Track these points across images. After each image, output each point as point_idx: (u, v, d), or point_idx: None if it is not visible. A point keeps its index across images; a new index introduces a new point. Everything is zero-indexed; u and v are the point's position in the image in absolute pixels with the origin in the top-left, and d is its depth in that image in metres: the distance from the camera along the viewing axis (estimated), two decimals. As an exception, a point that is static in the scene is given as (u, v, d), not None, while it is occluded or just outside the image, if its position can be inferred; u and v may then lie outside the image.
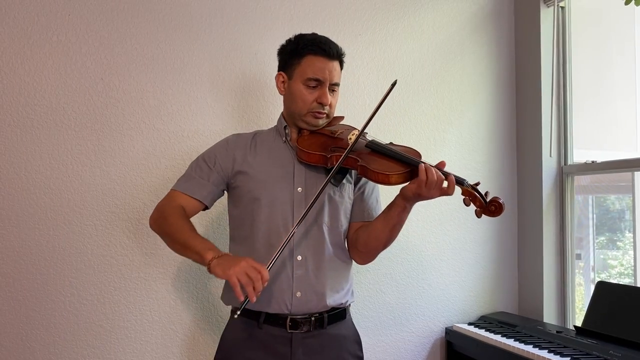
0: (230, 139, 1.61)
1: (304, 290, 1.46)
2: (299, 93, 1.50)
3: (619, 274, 2.80)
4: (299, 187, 1.50)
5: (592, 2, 2.43)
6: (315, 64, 1.49)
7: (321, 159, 1.47)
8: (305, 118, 1.52)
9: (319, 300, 1.47)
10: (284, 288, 1.45)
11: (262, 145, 1.57)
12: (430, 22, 2.35)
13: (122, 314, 1.87)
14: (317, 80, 1.49)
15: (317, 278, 1.48)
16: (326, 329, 1.48)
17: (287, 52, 1.55)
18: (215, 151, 1.58)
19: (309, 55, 1.49)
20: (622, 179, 2.57)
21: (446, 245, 2.34)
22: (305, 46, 1.50)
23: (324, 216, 1.51)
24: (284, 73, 1.55)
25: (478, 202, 1.39)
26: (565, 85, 2.38)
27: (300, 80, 1.50)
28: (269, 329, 1.46)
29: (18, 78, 1.77)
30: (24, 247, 1.78)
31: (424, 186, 1.35)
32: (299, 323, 1.45)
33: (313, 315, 1.47)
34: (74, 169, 1.83)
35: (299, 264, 1.47)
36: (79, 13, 1.84)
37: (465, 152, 2.39)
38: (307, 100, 1.50)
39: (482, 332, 2.12)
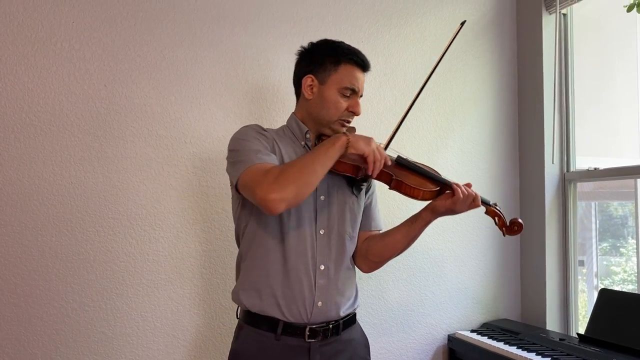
0: (258, 128, 1.50)
1: (325, 300, 1.45)
2: (333, 100, 1.48)
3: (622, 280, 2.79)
4: (322, 195, 1.49)
5: (594, 9, 2.44)
6: (353, 73, 1.49)
7: (352, 169, 1.45)
8: (332, 125, 1.51)
9: (337, 309, 1.47)
10: (305, 297, 1.43)
11: (284, 145, 1.51)
12: (432, 29, 2.36)
13: (124, 320, 1.87)
14: (353, 90, 1.49)
15: (337, 287, 1.48)
16: (340, 335, 1.49)
17: (319, 56, 1.51)
18: (255, 136, 1.46)
19: (347, 64, 1.49)
20: (624, 186, 2.56)
21: (449, 252, 2.34)
22: (345, 54, 1.50)
23: (346, 226, 1.51)
24: (315, 77, 1.51)
25: (502, 221, 1.56)
26: (568, 92, 2.38)
27: (336, 87, 1.48)
28: (286, 340, 1.43)
29: (22, 84, 1.78)
30: (26, 252, 1.78)
31: (459, 202, 1.47)
32: (317, 332, 1.44)
33: (330, 322, 1.47)
34: (77, 175, 1.83)
35: (321, 273, 1.46)
36: (82, 20, 1.85)
37: (467, 159, 2.40)
38: (341, 107, 1.49)
39: (484, 340, 2.11)
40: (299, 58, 1.58)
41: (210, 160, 1.99)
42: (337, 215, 1.49)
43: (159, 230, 1.92)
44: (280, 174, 1.30)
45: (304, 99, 1.54)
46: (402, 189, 1.48)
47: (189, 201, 1.96)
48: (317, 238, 1.46)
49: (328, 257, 1.47)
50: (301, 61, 1.56)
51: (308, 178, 1.32)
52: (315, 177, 1.33)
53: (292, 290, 1.42)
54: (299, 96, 1.58)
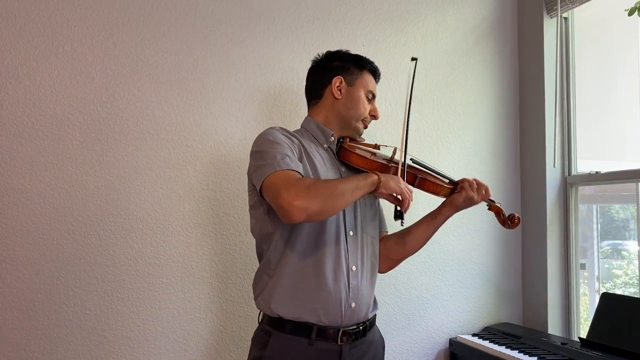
0: (283, 131, 1.50)
1: (358, 301, 1.48)
2: (362, 100, 1.60)
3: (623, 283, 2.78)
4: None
5: (595, 12, 2.44)
6: (371, 81, 1.65)
7: (381, 168, 1.52)
8: (356, 124, 1.61)
9: (367, 309, 1.52)
10: (341, 299, 1.44)
11: (310, 147, 1.52)
12: (434, 32, 2.36)
13: (126, 324, 1.87)
14: (373, 95, 1.64)
15: (366, 288, 1.52)
16: (366, 336, 1.52)
17: (348, 61, 1.62)
18: (282, 138, 1.45)
19: (367, 72, 1.63)
20: (626, 189, 2.56)
21: (450, 255, 2.33)
22: (367, 62, 1.64)
23: (370, 227, 1.58)
24: (344, 79, 1.59)
25: (501, 214, 1.66)
26: (569, 96, 2.38)
27: (363, 90, 1.61)
28: (319, 344, 1.42)
29: (24, 89, 1.79)
30: (28, 257, 1.78)
31: (474, 191, 1.59)
32: (349, 334, 1.46)
33: (360, 324, 1.50)
34: (78, 179, 1.84)
35: (354, 274, 1.48)
36: (84, 24, 1.85)
37: (468, 163, 2.39)
38: (367, 108, 1.61)
39: (486, 344, 2.10)
40: (319, 63, 1.63)
41: (212, 164, 1.99)
42: (362, 216, 1.54)
43: (161, 234, 1.92)
44: (313, 185, 1.31)
45: (330, 99, 1.59)
46: (425, 186, 1.58)
47: (191, 205, 1.96)
48: (348, 239, 1.48)
49: (359, 258, 1.50)
50: (324, 66, 1.62)
51: (336, 200, 1.32)
52: (342, 202, 1.34)
53: (328, 292, 1.42)
54: (318, 99, 1.61)
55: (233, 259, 1.99)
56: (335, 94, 1.58)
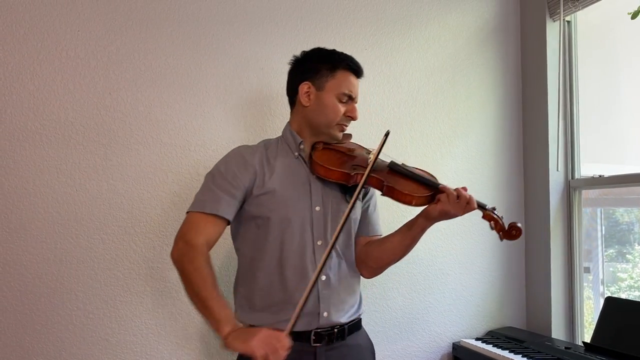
0: (244, 153, 1.52)
1: (329, 310, 1.47)
2: (331, 105, 1.50)
3: (628, 287, 2.76)
4: (317, 206, 1.49)
5: (598, 16, 2.43)
6: (349, 79, 1.52)
7: (343, 176, 1.46)
8: (331, 130, 1.53)
9: (341, 316, 1.49)
10: (312, 309, 1.44)
11: (276, 160, 1.52)
12: (437, 36, 2.36)
13: (129, 328, 1.87)
14: (349, 96, 1.52)
15: (339, 296, 1.50)
16: (346, 340, 1.50)
17: (315, 63, 1.53)
18: (233, 167, 1.49)
19: (343, 71, 1.52)
20: (630, 192, 2.55)
21: (453, 259, 2.33)
22: (341, 61, 1.53)
23: (342, 235, 1.51)
24: (312, 84, 1.52)
25: (499, 225, 1.49)
26: (572, 99, 2.37)
27: (334, 93, 1.51)
28: (293, 344, 1.41)
29: (28, 93, 1.79)
30: (31, 260, 1.78)
31: (451, 205, 1.43)
32: (322, 336, 1.46)
33: (335, 327, 1.48)
34: (82, 183, 1.84)
35: (324, 284, 1.47)
36: (87, 29, 1.86)
37: (472, 166, 2.39)
38: (339, 112, 1.51)
39: (489, 348, 2.10)
40: (292, 67, 1.59)
41: (214, 167, 1.99)
42: (333, 225, 1.49)
43: (163, 238, 1.92)
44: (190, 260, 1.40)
45: (300, 106, 1.55)
46: (394, 195, 1.46)
47: (193, 208, 1.96)
48: (316, 249, 1.46)
49: (329, 267, 1.48)
50: (295, 70, 1.57)
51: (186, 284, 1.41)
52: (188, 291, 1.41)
53: (297, 304, 1.38)
54: (293, 105, 1.59)
55: (235, 263, 1.99)
56: (303, 102, 1.52)
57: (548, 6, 2.36)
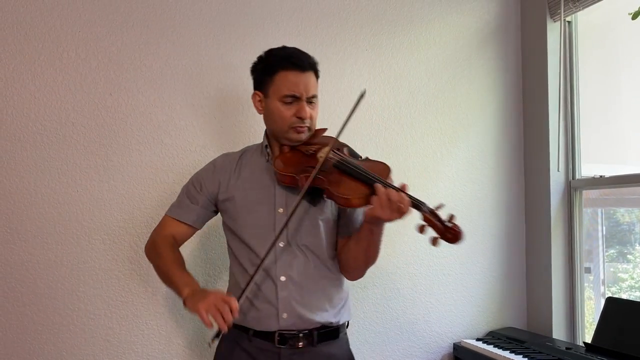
0: (217, 162, 1.60)
1: (289, 311, 1.43)
2: (276, 111, 1.47)
3: (629, 287, 2.76)
4: (280, 208, 1.48)
5: (599, 16, 2.43)
6: (289, 79, 1.45)
7: (292, 181, 1.43)
8: (287, 135, 1.49)
9: (304, 320, 1.44)
10: (270, 310, 1.44)
11: (247, 166, 1.56)
12: (437, 36, 2.36)
13: (129, 328, 1.87)
14: (293, 97, 1.45)
15: (303, 298, 1.44)
16: (316, 347, 1.45)
17: (259, 71, 1.52)
18: (202, 175, 1.59)
19: (281, 72, 1.45)
20: (631, 192, 2.55)
21: (454, 259, 2.33)
22: (276, 62, 1.47)
23: (304, 236, 1.48)
24: (260, 92, 1.52)
25: (437, 228, 1.28)
26: (573, 99, 2.37)
27: (277, 97, 1.46)
28: (258, 342, 1.45)
29: (29, 94, 1.80)
30: (32, 261, 1.79)
31: (380, 208, 1.29)
32: (287, 338, 1.43)
33: (302, 331, 1.44)
34: (83, 184, 1.84)
35: (282, 285, 1.45)
36: (88, 30, 1.87)
37: (472, 167, 2.39)
38: (286, 116, 1.46)
39: (490, 348, 2.10)
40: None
41: (215, 168, 1.99)
42: (295, 226, 1.47)
43: (164, 238, 1.92)
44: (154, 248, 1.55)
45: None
46: (333, 198, 1.38)
47: (194, 209, 1.96)
48: (278, 251, 1.45)
49: (289, 268, 1.45)
50: (252, 78, 1.57)
51: (155, 269, 1.55)
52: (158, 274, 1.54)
53: (259, 304, 1.44)
54: None
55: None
56: (257, 111, 1.55)
57: (548, 6, 2.36)
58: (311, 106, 1.48)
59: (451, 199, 2.32)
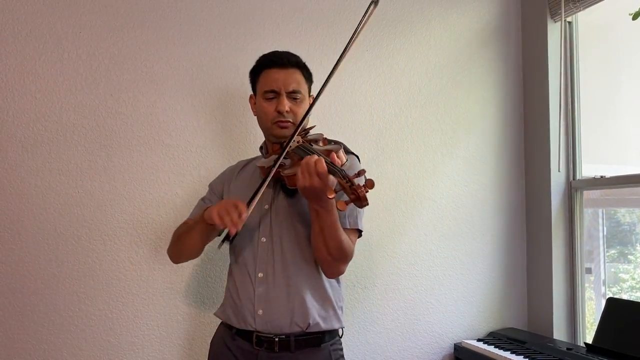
0: (229, 167, 1.74)
1: (265, 308, 1.43)
2: (261, 108, 1.55)
3: (630, 287, 2.76)
4: (266, 204, 1.51)
5: (599, 17, 2.43)
6: (270, 75, 1.52)
7: (263, 172, 1.47)
8: (272, 131, 1.54)
9: (280, 320, 1.42)
10: (247, 305, 1.46)
11: (247, 169, 1.66)
12: (437, 37, 2.36)
13: (130, 329, 1.88)
14: (273, 92, 1.51)
15: (279, 296, 1.43)
16: (294, 353, 1.41)
17: (251, 74, 1.62)
18: (217, 180, 1.73)
19: (264, 70, 1.55)
20: (632, 192, 2.55)
21: (454, 260, 2.33)
22: (260, 63, 1.57)
23: (284, 231, 1.46)
24: (253, 94, 1.63)
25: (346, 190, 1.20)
26: (573, 100, 2.37)
27: (260, 95, 1.55)
28: (239, 341, 1.48)
29: (30, 95, 1.80)
30: (33, 262, 1.79)
31: (301, 175, 1.27)
32: (263, 341, 1.43)
33: (278, 335, 1.42)
34: (84, 185, 1.85)
35: (260, 281, 1.45)
36: (89, 30, 1.87)
37: (473, 167, 2.39)
38: (268, 111, 1.52)
39: (491, 349, 2.09)
40: None
41: (216, 169, 1.99)
42: (279, 222, 1.47)
43: (165, 239, 1.92)
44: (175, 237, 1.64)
45: None
46: (284, 181, 1.41)
47: (195, 210, 1.96)
48: (259, 246, 1.47)
49: (269, 265, 1.45)
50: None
51: (177, 246, 1.61)
52: (182, 246, 1.59)
53: (236, 298, 1.49)
54: None
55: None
56: (253, 113, 1.65)
57: (549, 7, 2.36)
58: (294, 102, 1.51)
59: (451, 200, 2.32)
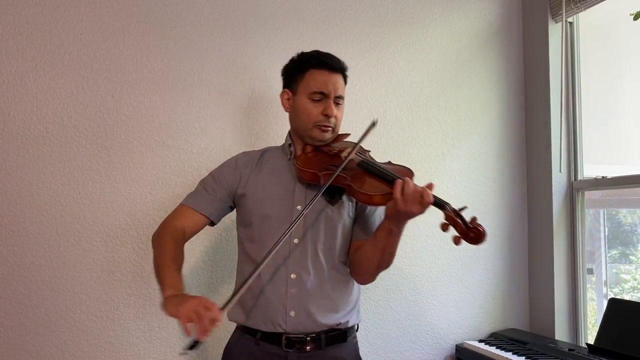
0: (239, 158, 1.62)
1: (298, 310, 1.43)
2: (303, 107, 1.51)
3: (632, 288, 2.75)
4: (299, 205, 1.49)
5: (601, 17, 2.43)
6: (318, 77, 1.50)
7: (314, 177, 1.45)
8: (311, 132, 1.52)
9: (313, 320, 1.43)
10: (278, 307, 1.43)
11: (267, 163, 1.58)
12: (439, 38, 2.36)
13: (131, 330, 1.87)
14: (322, 94, 1.49)
15: (312, 298, 1.44)
16: (324, 350, 1.44)
17: (290, 70, 1.57)
18: (224, 169, 1.60)
19: (311, 70, 1.51)
20: (633, 193, 2.54)
21: (456, 261, 2.33)
22: (308, 60, 1.52)
23: (320, 235, 1.48)
24: (289, 90, 1.56)
25: (459, 228, 1.32)
26: (575, 100, 2.37)
27: (305, 94, 1.50)
28: (265, 346, 1.44)
29: (31, 96, 1.80)
30: (34, 263, 1.79)
31: (402, 201, 1.30)
32: (294, 342, 1.43)
33: (309, 335, 1.43)
34: (85, 186, 1.85)
35: (292, 282, 1.44)
36: (90, 32, 1.87)
37: (474, 168, 2.39)
38: (312, 113, 1.49)
39: (492, 350, 2.09)
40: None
41: (216, 170, 1.99)
42: (314, 225, 1.47)
43: (166, 240, 1.92)
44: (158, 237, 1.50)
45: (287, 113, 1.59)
46: (354, 195, 1.41)
47: (196, 211, 1.96)
48: (291, 247, 1.46)
49: (301, 266, 1.45)
50: (282, 78, 1.61)
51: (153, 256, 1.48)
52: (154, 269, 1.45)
53: (265, 300, 1.45)
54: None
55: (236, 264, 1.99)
56: (284, 108, 1.58)
57: (550, 7, 2.36)
58: (337, 107, 1.53)
59: (453, 201, 2.30)
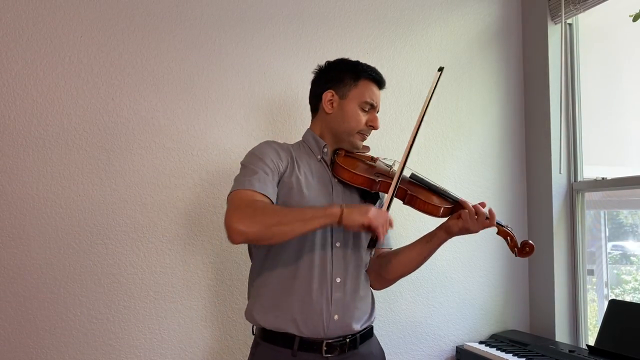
0: (275, 145, 1.52)
1: (342, 313, 1.44)
2: (353, 113, 1.54)
3: (633, 289, 2.75)
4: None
5: (600, 18, 2.43)
6: (372, 89, 1.57)
7: (367, 182, 1.49)
8: (352, 138, 1.55)
9: (354, 323, 1.47)
10: (322, 310, 1.42)
11: (301, 159, 1.54)
12: (438, 39, 2.36)
13: (132, 332, 1.87)
14: (372, 105, 1.56)
15: (353, 301, 1.48)
16: (358, 348, 1.48)
17: (340, 71, 1.57)
18: (268, 153, 1.47)
19: (366, 80, 1.56)
20: (634, 194, 2.54)
21: (456, 262, 2.33)
22: (364, 70, 1.57)
23: (362, 239, 1.52)
24: (335, 92, 1.55)
25: (514, 242, 1.55)
26: (574, 102, 2.37)
27: (357, 101, 1.54)
28: (303, 355, 1.41)
29: (31, 99, 1.80)
30: (34, 265, 1.79)
31: (471, 221, 1.47)
32: (334, 347, 1.43)
33: (347, 337, 1.46)
34: (84, 188, 1.85)
35: (337, 286, 1.45)
36: (90, 34, 1.87)
37: (474, 170, 2.39)
38: (361, 121, 1.54)
39: (493, 351, 2.09)
40: (316, 76, 1.62)
41: (217, 172, 2.00)
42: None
43: (166, 243, 1.92)
44: (260, 211, 1.31)
45: (323, 113, 1.58)
46: (415, 204, 1.50)
47: (197, 213, 1.96)
48: (334, 251, 1.46)
49: (344, 270, 1.47)
50: (319, 78, 1.61)
51: (281, 229, 1.29)
52: (288, 231, 1.30)
53: (308, 304, 1.41)
54: (316, 112, 1.62)
55: (238, 267, 2.00)
56: (326, 109, 1.55)
57: (549, 9, 2.36)
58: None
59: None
